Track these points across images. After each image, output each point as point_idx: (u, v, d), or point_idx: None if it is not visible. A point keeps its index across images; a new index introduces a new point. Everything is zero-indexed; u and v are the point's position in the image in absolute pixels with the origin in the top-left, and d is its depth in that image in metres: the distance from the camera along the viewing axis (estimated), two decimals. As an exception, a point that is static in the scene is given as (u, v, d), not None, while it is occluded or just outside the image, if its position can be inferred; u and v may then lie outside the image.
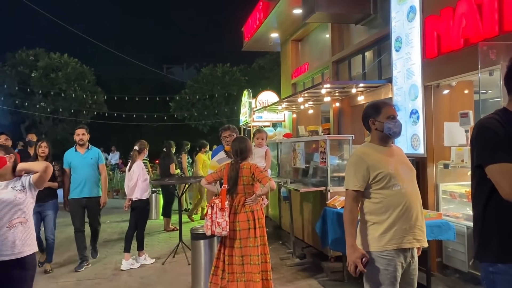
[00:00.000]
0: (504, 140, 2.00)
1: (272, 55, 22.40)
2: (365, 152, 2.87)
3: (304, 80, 10.01)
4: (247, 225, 4.17)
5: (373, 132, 2.90)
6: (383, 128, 2.84)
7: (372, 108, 2.92)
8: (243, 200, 4.19)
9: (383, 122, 2.84)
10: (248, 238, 4.17)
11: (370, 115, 2.89)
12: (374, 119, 2.86)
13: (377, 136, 2.90)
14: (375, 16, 6.79)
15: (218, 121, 25.95)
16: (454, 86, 5.20)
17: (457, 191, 4.88)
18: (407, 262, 2.85)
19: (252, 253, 4.15)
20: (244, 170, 4.20)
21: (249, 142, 4.41)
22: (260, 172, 4.16)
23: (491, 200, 2.07)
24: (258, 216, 4.22)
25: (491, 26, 4.00)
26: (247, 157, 4.30)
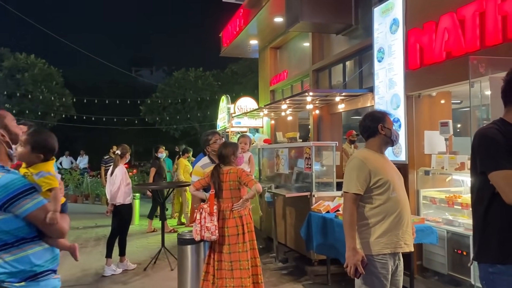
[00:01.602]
0: (505, 148, 2.16)
1: (246, 60, 22.53)
2: (367, 157, 2.98)
3: (283, 87, 10.16)
4: (236, 230, 4.19)
5: (378, 137, 3.00)
6: (391, 134, 2.97)
7: (380, 114, 3.06)
8: (231, 205, 4.22)
9: (390, 129, 2.97)
10: (237, 244, 4.19)
11: (380, 119, 3.00)
12: (383, 124, 2.99)
13: (381, 142, 3.01)
14: (356, 27, 7.01)
15: (190, 125, 25.81)
16: (434, 96, 5.44)
17: (437, 197, 5.11)
18: (395, 265, 2.99)
19: (242, 258, 4.18)
20: (231, 174, 4.24)
21: (233, 148, 4.38)
22: (247, 176, 4.21)
23: (492, 205, 2.20)
24: (247, 221, 4.25)
25: (473, 41, 4.24)
26: (229, 162, 4.32)
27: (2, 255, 1.91)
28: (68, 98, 24.45)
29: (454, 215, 4.97)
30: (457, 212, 4.93)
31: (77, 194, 14.85)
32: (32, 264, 1.96)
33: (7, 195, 1.87)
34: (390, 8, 5.59)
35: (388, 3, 5.63)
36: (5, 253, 1.91)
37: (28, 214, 1.92)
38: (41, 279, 1.99)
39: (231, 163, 4.32)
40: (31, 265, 1.96)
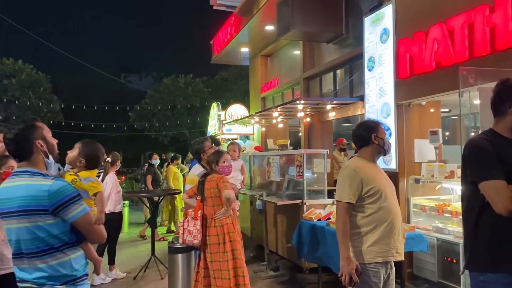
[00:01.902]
0: (495, 158, 2.20)
1: (236, 67, 22.60)
2: (359, 166, 3.00)
3: (274, 94, 10.20)
4: (217, 239, 4.18)
5: (371, 147, 3.03)
6: (384, 143, 3.01)
7: (373, 124, 3.09)
8: (213, 213, 4.22)
9: (383, 138, 3.01)
10: (218, 253, 4.18)
11: (373, 129, 3.04)
12: (376, 134, 3.02)
13: (374, 151, 3.04)
14: (346, 36, 7.08)
15: (180, 132, 25.74)
16: (423, 105, 5.52)
17: (427, 205, 5.15)
18: (387, 273, 3.01)
19: (223, 268, 4.15)
20: (212, 182, 4.26)
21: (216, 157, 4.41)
22: (223, 183, 4.19)
23: (483, 213, 2.24)
24: (229, 230, 4.21)
25: (462, 51, 4.31)
26: (212, 170, 4.37)
27: (46, 259, 2.01)
28: (56, 104, 24.25)
29: (444, 223, 5.02)
30: (447, 220, 4.98)
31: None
32: (72, 269, 2.08)
33: (59, 201, 2.00)
34: (381, 18, 5.67)
35: (379, 13, 5.70)
36: (50, 257, 2.02)
37: (76, 219, 2.05)
38: (79, 284, 2.13)
39: (213, 171, 4.34)
40: (71, 269, 2.08)
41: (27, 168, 2.11)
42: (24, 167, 2.12)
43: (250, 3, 8.59)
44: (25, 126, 2.14)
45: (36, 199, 1.98)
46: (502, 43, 3.92)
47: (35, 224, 1.98)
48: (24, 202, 1.98)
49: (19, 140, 2.11)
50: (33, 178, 2.06)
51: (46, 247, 2.01)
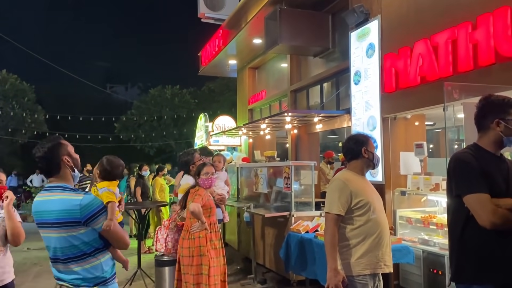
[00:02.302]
0: (480, 172, 2.26)
1: (223, 79, 22.66)
2: (348, 178, 3.04)
3: (261, 106, 10.27)
4: (188, 252, 4.18)
5: (360, 160, 3.08)
6: (373, 157, 3.06)
7: (363, 137, 3.14)
8: (189, 226, 4.22)
9: (372, 152, 3.06)
10: (188, 265, 4.19)
11: (363, 143, 3.09)
12: (366, 148, 3.07)
13: (363, 164, 3.09)
14: (333, 50, 7.21)
15: (166, 143, 25.61)
16: (409, 119, 5.62)
17: (413, 217, 5.22)
18: (375, 286, 3.04)
19: (188, 280, 4.18)
20: (191, 195, 4.29)
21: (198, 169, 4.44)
22: (193, 196, 4.21)
23: (468, 226, 2.29)
24: (200, 244, 4.18)
25: (446, 67, 4.43)
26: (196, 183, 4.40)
27: (81, 263, 2.28)
28: (40, 115, 23.94)
29: (430, 235, 5.09)
30: (432, 232, 5.05)
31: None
32: (103, 271, 2.33)
33: (89, 213, 2.25)
34: (366, 33, 5.79)
35: (364, 28, 5.82)
36: (83, 262, 2.28)
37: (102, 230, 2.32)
38: (110, 284, 2.37)
39: (196, 184, 4.39)
40: (102, 271, 2.33)
41: (58, 183, 2.36)
42: (56, 182, 2.37)
43: (238, 16, 8.69)
44: (52, 145, 2.37)
45: (70, 213, 2.24)
46: (484, 60, 4.04)
47: (70, 234, 2.25)
48: (60, 215, 2.25)
49: (48, 157, 2.35)
50: (65, 193, 2.32)
51: (80, 253, 2.27)
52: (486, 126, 2.36)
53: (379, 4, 5.63)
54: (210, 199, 4.41)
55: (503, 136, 2.30)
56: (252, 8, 7.94)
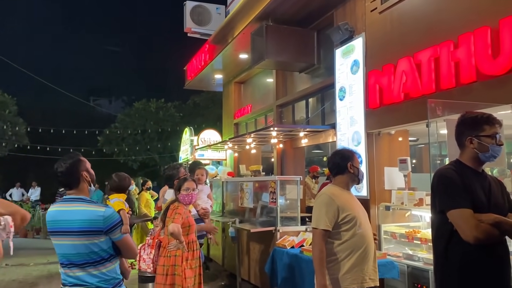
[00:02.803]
0: (462, 188, 2.31)
1: (208, 93, 22.66)
2: (334, 193, 3.07)
3: (247, 121, 10.29)
4: (162, 270, 4.07)
5: (346, 175, 3.11)
6: (359, 172, 3.09)
7: (349, 153, 3.19)
8: (167, 243, 4.11)
9: (357, 168, 3.10)
10: (161, 284, 4.07)
11: (349, 158, 3.13)
12: (352, 163, 3.10)
13: (349, 179, 3.12)
14: (318, 66, 7.30)
15: (150, 157, 25.39)
16: (392, 134, 5.70)
17: (398, 232, 5.26)
18: None
19: None
20: (169, 210, 4.17)
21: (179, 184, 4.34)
22: (174, 213, 4.06)
23: (451, 241, 2.33)
24: (176, 263, 4.05)
25: (429, 84, 4.53)
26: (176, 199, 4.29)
27: (99, 267, 2.57)
28: (22, 127, 23.49)
29: (414, 249, 5.12)
30: (417, 247, 5.09)
31: (27, 229, 14.05)
32: (117, 274, 2.66)
33: (110, 224, 2.55)
34: (351, 50, 5.89)
35: (349, 45, 5.93)
36: (101, 266, 2.57)
37: (120, 239, 2.62)
38: (122, 285, 2.70)
39: (176, 199, 4.27)
40: (116, 274, 2.66)
41: (79, 195, 2.63)
42: (75, 195, 2.64)
43: (225, 32, 8.76)
44: (73, 161, 2.66)
45: (93, 222, 2.52)
46: (466, 77, 4.15)
47: (92, 241, 2.52)
48: (84, 225, 2.51)
49: (70, 172, 2.63)
50: (88, 205, 2.60)
51: (99, 258, 2.56)
52: (463, 143, 2.44)
53: (363, 22, 5.75)
54: (189, 216, 4.29)
55: (478, 152, 2.37)
56: (238, 24, 8.02)
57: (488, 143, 2.34)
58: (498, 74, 3.86)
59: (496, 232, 2.24)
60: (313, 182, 8.50)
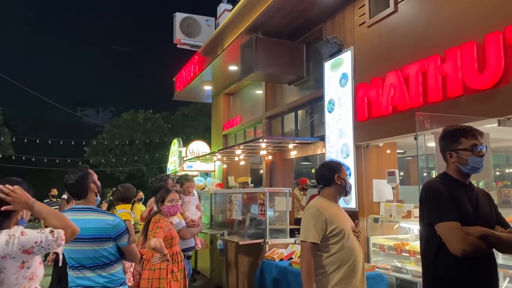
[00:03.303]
0: (450, 201, 2.32)
1: (197, 104, 22.65)
2: (322, 206, 3.05)
3: (236, 132, 10.29)
4: (147, 283, 3.97)
5: (333, 187, 3.09)
6: (346, 184, 3.08)
7: (336, 165, 3.16)
8: (151, 256, 4.02)
9: (345, 179, 3.08)
10: None
11: (336, 170, 3.10)
12: (339, 175, 3.09)
13: (336, 191, 3.10)
14: (307, 78, 7.35)
15: (137, 168, 25.19)
16: (381, 147, 5.74)
17: (386, 244, 5.26)
18: None
19: None
20: (151, 224, 4.09)
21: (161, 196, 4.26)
22: (155, 227, 3.99)
23: (440, 254, 2.33)
24: (161, 276, 3.96)
25: (417, 97, 4.59)
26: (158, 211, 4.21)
27: (107, 269, 2.84)
28: (7, 137, 23.16)
29: (402, 262, 5.13)
30: (405, 259, 5.09)
31: (11, 241, 13.71)
32: (121, 275, 2.94)
33: (118, 231, 2.83)
34: (340, 63, 5.95)
35: (338, 58, 5.99)
36: (109, 268, 2.85)
37: (124, 246, 2.89)
38: (125, 285, 2.95)
39: (159, 211, 4.18)
40: (121, 275, 2.93)
41: (87, 205, 2.89)
42: (84, 205, 2.89)
43: (215, 43, 8.79)
44: (82, 174, 2.89)
45: (104, 230, 2.79)
46: (453, 91, 4.21)
47: (102, 247, 2.80)
48: (96, 232, 2.77)
49: (79, 184, 2.88)
50: (98, 214, 2.87)
51: (108, 261, 2.84)
52: (445, 158, 2.46)
53: (352, 36, 5.82)
54: (171, 228, 4.22)
55: (459, 165, 2.39)
56: (228, 36, 8.05)
57: (467, 156, 2.36)
58: (484, 88, 3.93)
59: (483, 245, 2.24)
60: (301, 194, 8.50)
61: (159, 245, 3.86)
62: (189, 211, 5.04)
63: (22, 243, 2.05)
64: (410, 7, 4.97)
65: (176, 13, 11.07)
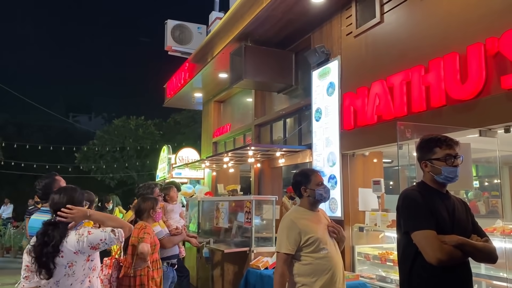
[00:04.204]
0: (426, 209, 2.33)
1: (189, 111, 22.62)
2: (297, 216, 3.04)
3: (226, 139, 10.29)
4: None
5: (304, 198, 3.09)
6: (315, 194, 3.05)
7: (302, 176, 3.11)
8: (131, 262, 4.01)
9: (314, 189, 3.04)
10: None
11: (301, 182, 3.07)
12: (306, 186, 3.06)
13: (308, 202, 3.09)
14: (296, 87, 7.39)
15: (128, 175, 25.02)
16: (367, 156, 5.77)
17: (371, 253, 5.26)
18: None
19: None
20: (139, 230, 4.10)
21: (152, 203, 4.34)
22: (144, 233, 4.04)
23: (416, 262, 2.34)
24: (142, 282, 3.98)
25: (401, 107, 4.62)
26: (147, 217, 4.26)
27: None
28: (-4, 142, 22.94)
29: (387, 271, 5.13)
30: (390, 269, 5.09)
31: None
32: None
33: None
34: (327, 72, 5.99)
35: (325, 67, 6.03)
36: None
37: None
38: None
39: (148, 218, 4.21)
40: None
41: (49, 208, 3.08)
42: (47, 207, 3.05)
43: (205, 51, 8.81)
44: (48, 180, 3.31)
45: None
46: (436, 101, 4.25)
47: None
48: None
49: (45, 189, 3.24)
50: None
51: None
52: (421, 167, 2.48)
53: (339, 45, 5.87)
54: (155, 236, 4.27)
55: (434, 175, 2.41)
56: (218, 44, 8.08)
57: (440, 166, 2.38)
58: (466, 98, 3.97)
59: (459, 254, 2.25)
60: (290, 202, 8.48)
61: (147, 250, 3.91)
62: (172, 219, 5.02)
63: (90, 241, 2.55)
64: (395, 17, 5.03)
65: (168, 20, 11.09)
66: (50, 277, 2.48)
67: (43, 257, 2.47)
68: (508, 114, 3.63)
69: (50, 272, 2.47)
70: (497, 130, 3.88)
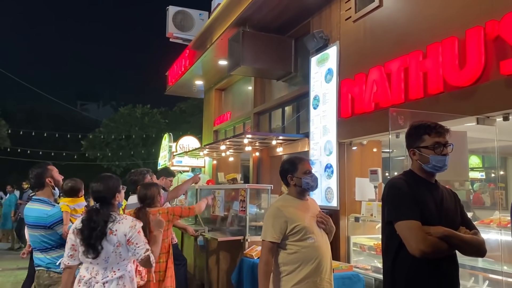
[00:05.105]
0: (411, 199, 2.21)
1: (195, 100, 22.56)
2: (284, 204, 2.97)
3: (226, 128, 10.19)
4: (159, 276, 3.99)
5: (292, 187, 3.01)
6: (301, 183, 2.96)
7: (289, 164, 3.04)
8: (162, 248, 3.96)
9: (300, 178, 2.96)
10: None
11: (288, 171, 3.01)
12: (292, 175, 2.98)
13: (295, 190, 3.02)
14: (295, 74, 7.23)
15: (133, 162, 25.12)
16: (365, 144, 5.62)
17: (367, 244, 5.16)
18: None
19: None
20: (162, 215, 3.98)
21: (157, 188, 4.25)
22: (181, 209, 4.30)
23: (400, 253, 2.23)
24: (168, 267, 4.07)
25: (398, 94, 4.46)
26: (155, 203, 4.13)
27: (50, 252, 3.35)
28: (3, 129, 23.12)
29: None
30: (385, 260, 4.99)
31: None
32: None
33: (52, 221, 3.33)
34: (326, 58, 5.83)
35: (324, 53, 5.87)
36: (52, 251, 3.36)
37: (62, 233, 3.33)
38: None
39: (156, 203, 4.14)
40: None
41: (40, 196, 3.45)
42: (40, 196, 3.46)
43: (204, 37, 8.67)
44: (41, 170, 3.47)
45: (41, 219, 3.33)
46: (433, 88, 4.09)
47: (41, 233, 3.34)
48: (35, 220, 3.35)
49: (37, 177, 3.45)
50: (41, 204, 3.40)
51: (49, 246, 3.34)
52: (409, 155, 2.36)
53: (338, 30, 5.70)
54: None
55: (421, 163, 2.29)
56: (217, 29, 7.93)
57: (428, 154, 2.26)
58: (464, 85, 3.80)
59: (444, 246, 2.14)
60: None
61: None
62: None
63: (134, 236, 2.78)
64: (395, 1, 4.85)
65: (169, 7, 10.94)
66: (97, 256, 2.71)
67: (91, 240, 2.71)
68: (507, 101, 3.47)
69: (97, 252, 2.71)
70: (495, 118, 3.72)
